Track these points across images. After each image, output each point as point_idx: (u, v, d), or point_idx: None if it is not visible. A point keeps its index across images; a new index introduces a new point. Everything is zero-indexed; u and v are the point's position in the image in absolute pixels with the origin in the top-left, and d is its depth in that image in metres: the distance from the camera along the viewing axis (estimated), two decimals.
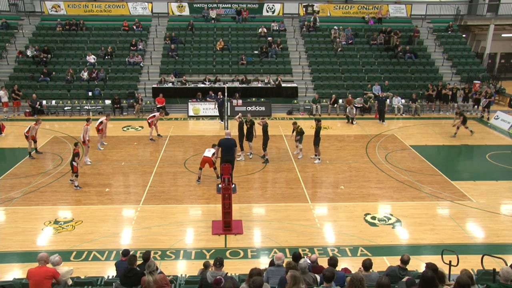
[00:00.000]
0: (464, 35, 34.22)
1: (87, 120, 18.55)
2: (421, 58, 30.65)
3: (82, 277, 9.32)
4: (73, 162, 15.61)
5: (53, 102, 26.51)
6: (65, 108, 26.22)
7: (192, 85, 27.45)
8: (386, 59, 30.55)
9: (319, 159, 18.37)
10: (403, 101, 26.91)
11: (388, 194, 15.45)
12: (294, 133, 18.56)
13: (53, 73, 28.12)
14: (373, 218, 13.61)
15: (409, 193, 15.48)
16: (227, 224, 12.59)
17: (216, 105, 25.05)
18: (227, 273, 8.42)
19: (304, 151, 18.97)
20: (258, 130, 18.63)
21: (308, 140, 18.72)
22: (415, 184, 16.23)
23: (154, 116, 21.38)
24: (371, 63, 30.16)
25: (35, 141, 18.93)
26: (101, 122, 19.73)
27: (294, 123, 18.68)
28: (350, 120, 24.74)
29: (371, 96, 27.08)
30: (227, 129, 18.50)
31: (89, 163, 18.05)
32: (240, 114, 19.68)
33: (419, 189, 15.79)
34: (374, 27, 32.96)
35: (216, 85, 27.12)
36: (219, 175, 16.07)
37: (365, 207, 14.33)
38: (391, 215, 13.83)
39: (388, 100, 26.05)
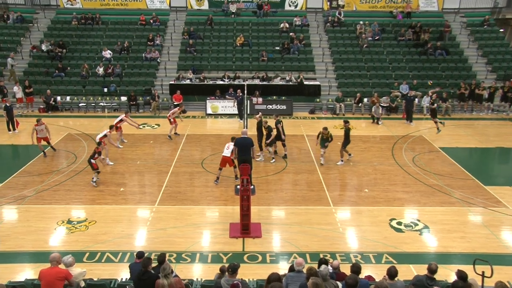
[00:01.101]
0: (501, 30, 33.32)
1: (111, 127, 18.78)
2: (453, 55, 30.16)
3: (95, 279, 9.41)
4: (92, 160, 15.85)
5: (68, 98, 26.93)
6: (80, 104, 26.61)
7: (211, 82, 27.57)
8: (415, 56, 30.16)
9: (342, 160, 18.24)
10: None
11: (415, 198, 15.25)
12: (319, 138, 17.85)
13: (68, 68, 28.56)
14: (399, 223, 13.45)
15: (438, 198, 15.24)
16: (245, 227, 12.58)
17: (235, 103, 25.12)
18: (242, 278, 8.42)
19: (328, 152, 18.74)
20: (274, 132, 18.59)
21: (334, 140, 18.51)
22: (445, 188, 15.97)
23: (174, 112, 21.51)
24: (398, 60, 29.82)
25: (48, 143, 19.01)
26: (121, 120, 19.94)
27: (325, 129, 17.65)
28: (376, 120, 24.52)
29: (398, 95, 26.78)
30: (246, 128, 18.50)
31: (111, 163, 18.11)
32: (260, 113, 19.70)
33: (449, 194, 15.54)
34: (402, 22, 32.58)
35: (236, 82, 27.17)
36: (237, 175, 16.21)
37: (391, 212, 14.16)
38: (418, 220, 13.64)
39: (416, 99, 25.72)
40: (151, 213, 14.05)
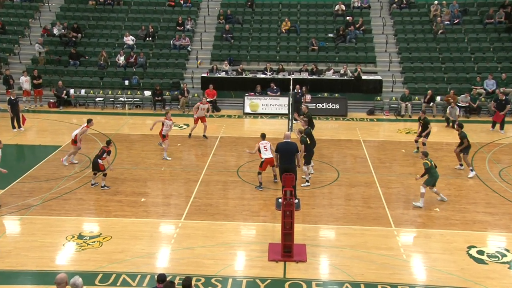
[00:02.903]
0: None
1: (88, 121, 18.72)
2: None
3: None
4: (99, 160, 16.25)
5: (83, 91, 27.66)
6: (97, 99, 27.24)
7: (250, 75, 27.73)
8: (506, 43, 29.46)
9: (471, 170, 18.13)
10: None
11: (503, 222, 14.87)
12: (426, 176, 15.82)
13: (85, 57, 29.27)
14: (481, 252, 13.12)
15: None
16: (287, 249, 12.56)
17: (291, 101, 24.76)
18: None
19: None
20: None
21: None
22: None
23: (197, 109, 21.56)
24: (484, 49, 29.21)
25: None
26: (162, 124, 19.45)
27: (425, 154, 15.97)
28: (451, 124, 24.03)
29: (481, 92, 26.20)
30: (290, 130, 18.53)
31: (67, 164, 18.48)
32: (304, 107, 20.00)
33: None
34: (491, 1, 31.92)
35: (280, 75, 27.24)
36: (276, 175, 16.80)
37: (469, 238, 13.85)
38: (507, 250, 13.27)
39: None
40: (176, 229, 14.22)
